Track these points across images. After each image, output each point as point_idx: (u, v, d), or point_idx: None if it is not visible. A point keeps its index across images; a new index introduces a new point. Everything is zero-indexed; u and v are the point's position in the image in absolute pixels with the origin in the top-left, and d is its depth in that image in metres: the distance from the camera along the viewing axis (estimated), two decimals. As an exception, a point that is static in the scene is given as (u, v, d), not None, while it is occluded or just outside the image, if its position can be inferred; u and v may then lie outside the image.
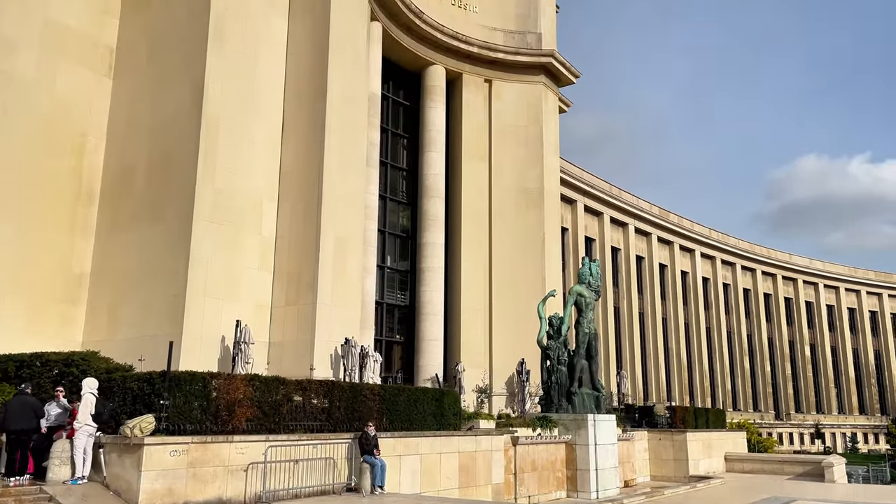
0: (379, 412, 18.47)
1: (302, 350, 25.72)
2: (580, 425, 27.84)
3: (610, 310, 66.25)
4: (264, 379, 15.74)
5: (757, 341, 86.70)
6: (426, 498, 16.37)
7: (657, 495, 27.50)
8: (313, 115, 28.01)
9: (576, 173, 65.57)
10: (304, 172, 27.73)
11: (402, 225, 41.31)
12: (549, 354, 30.26)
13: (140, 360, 15.11)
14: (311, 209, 26.98)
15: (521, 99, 43.04)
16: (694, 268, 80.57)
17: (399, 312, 40.21)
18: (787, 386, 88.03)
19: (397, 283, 40.55)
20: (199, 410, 14.07)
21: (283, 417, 15.88)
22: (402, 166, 41.55)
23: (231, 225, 26.05)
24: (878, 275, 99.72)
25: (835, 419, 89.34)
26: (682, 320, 76.68)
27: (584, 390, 30.04)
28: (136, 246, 25.77)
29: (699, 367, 77.29)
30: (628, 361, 66.97)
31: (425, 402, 20.10)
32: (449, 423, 20.98)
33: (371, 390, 18.52)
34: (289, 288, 26.77)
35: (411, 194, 41.45)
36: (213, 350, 24.39)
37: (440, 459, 19.24)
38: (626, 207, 71.38)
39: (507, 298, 40.24)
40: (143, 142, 26.88)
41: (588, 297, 31.05)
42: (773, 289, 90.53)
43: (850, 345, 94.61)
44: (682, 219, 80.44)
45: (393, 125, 41.01)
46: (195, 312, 24.01)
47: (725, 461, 39.27)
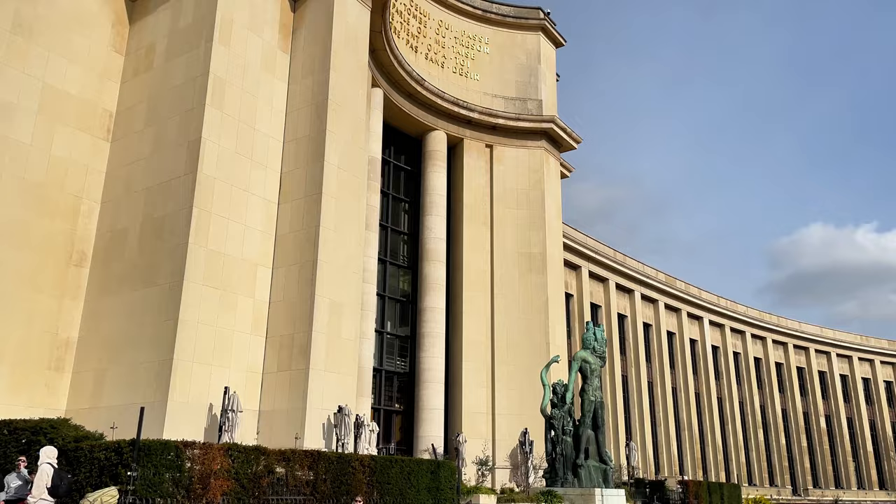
0: (369, 485, 17.28)
1: (293, 419, 24.59)
2: (587, 500, 26.27)
3: (618, 378, 64.48)
4: (244, 449, 14.69)
5: (770, 412, 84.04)
6: None
7: (671, 578, 25.64)
8: (310, 179, 27.75)
9: (580, 239, 65.16)
10: (299, 236, 27.25)
11: (403, 289, 40.59)
12: (554, 424, 28.89)
13: (112, 427, 14.13)
14: (306, 273, 26.36)
15: (523, 163, 43.02)
16: (703, 336, 78.94)
17: (399, 380, 39.00)
18: (804, 459, 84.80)
19: (397, 349, 39.50)
20: (170, 483, 13.03)
21: (264, 491, 14.76)
22: (402, 230, 41.16)
23: (224, 288, 25.39)
24: (891, 343, 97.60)
25: (854, 495, 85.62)
26: (692, 390, 74.56)
27: (591, 462, 28.53)
28: (126, 310, 25.09)
29: (711, 439, 74.63)
30: (638, 432, 64.68)
31: (419, 475, 18.86)
32: (446, 499, 19.67)
33: (360, 461, 17.37)
34: (281, 353, 25.86)
35: (412, 258, 40.91)
36: (200, 418, 23.32)
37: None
38: (631, 274, 70.55)
39: (510, 365, 39.07)
40: (138, 204, 26.58)
41: (593, 364, 29.91)
42: (785, 358, 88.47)
43: (866, 416, 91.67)
44: (689, 286, 79.42)
45: (394, 189, 40.88)
46: (182, 378, 23.08)
47: (743, 540, 37.06)
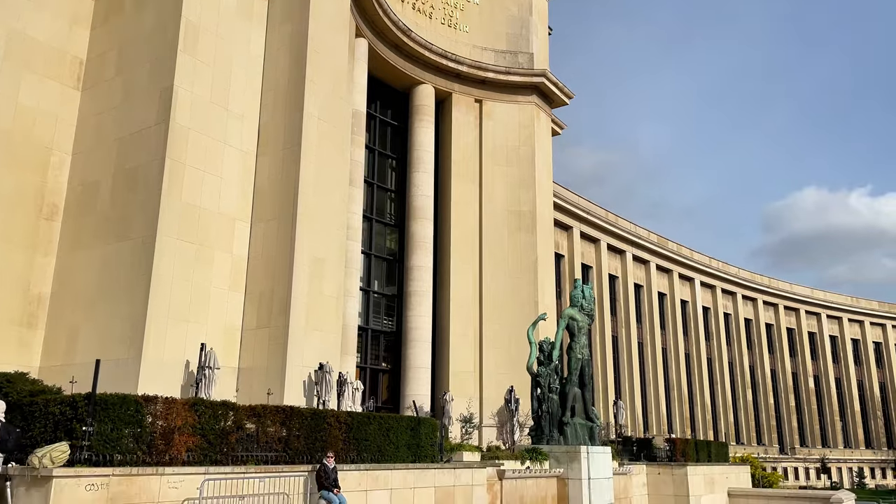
0: (345, 442, 16.76)
1: (272, 376, 24.02)
2: (573, 458, 25.99)
3: (608, 339, 64.42)
4: (210, 404, 14.08)
5: (759, 373, 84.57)
6: None
7: (656, 534, 25.54)
8: (289, 130, 26.73)
9: (572, 199, 64.33)
10: (278, 189, 26.34)
11: (389, 248, 39.85)
12: (540, 382, 28.49)
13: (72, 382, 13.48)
14: (286, 228, 25.53)
15: (513, 119, 41.93)
16: (694, 297, 78.87)
17: (385, 339, 38.52)
18: (792, 419, 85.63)
19: (384, 308, 38.94)
20: (130, 439, 12.42)
21: (233, 447, 14.20)
22: (389, 187, 40.24)
23: (199, 243, 24.56)
24: (881, 305, 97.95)
25: (841, 453, 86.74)
26: (682, 350, 74.73)
27: (577, 420, 28.23)
28: (99, 264, 24.27)
29: (700, 399, 75.08)
30: (627, 392, 64.89)
31: (399, 432, 18.37)
32: (426, 455, 19.22)
33: (336, 418, 16.82)
34: (260, 310, 25.18)
35: (399, 216, 40.09)
36: (177, 375, 22.72)
37: (413, 495, 17.44)
38: (623, 234, 70.00)
39: (498, 324, 38.58)
40: (110, 155, 25.55)
41: (580, 321, 29.41)
42: (776, 319, 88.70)
43: (854, 376, 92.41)
44: (682, 247, 79.02)
45: (380, 145, 39.83)
46: (157, 335, 22.39)
47: (729, 497, 37.16)
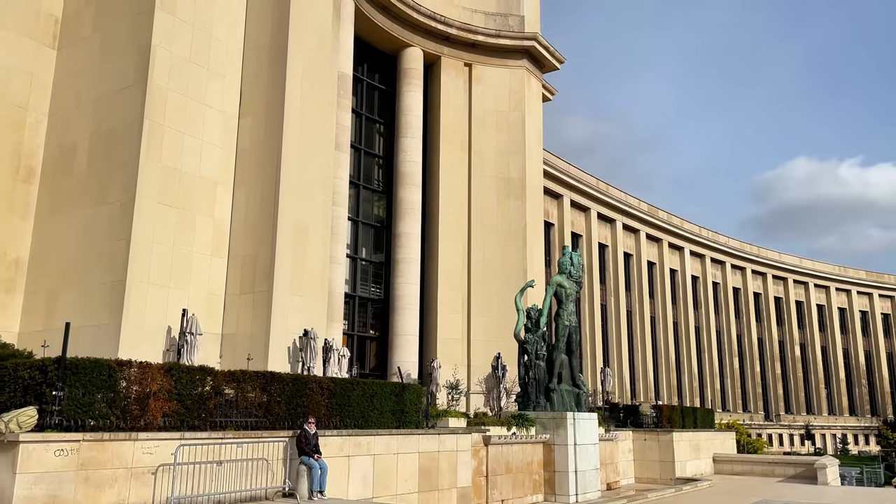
0: (328, 408, 16.53)
1: (256, 342, 23.74)
2: (559, 424, 25.96)
3: (597, 307, 64.54)
4: (187, 368, 13.77)
5: (746, 341, 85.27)
6: None
7: (640, 499, 25.66)
8: (272, 91, 26.05)
9: (562, 167, 63.82)
10: (261, 153, 25.76)
11: (377, 214, 39.38)
12: (527, 349, 28.34)
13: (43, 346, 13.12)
14: (269, 192, 25.01)
15: (503, 84, 41.19)
16: (683, 266, 79.03)
17: (373, 306, 38.26)
18: (777, 386, 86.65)
19: (371, 275, 38.61)
20: (103, 404, 12.11)
21: (211, 413, 13.93)
22: (376, 153, 39.60)
23: (180, 207, 24.05)
24: (868, 274, 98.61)
25: (825, 420, 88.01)
26: (670, 319, 75.09)
27: (564, 387, 28.16)
28: (77, 228, 23.76)
29: (688, 367, 75.71)
30: (615, 360, 65.26)
31: (383, 398, 18.15)
32: (411, 421, 19.06)
33: (318, 383, 16.57)
34: (244, 275, 24.79)
35: (387, 182, 39.53)
36: (158, 341, 22.39)
37: (397, 461, 17.32)
38: (613, 203, 69.72)
39: (486, 292, 38.37)
40: (87, 116, 24.87)
41: (568, 289, 29.17)
42: (763, 288, 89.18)
43: (840, 345, 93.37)
44: (672, 216, 78.90)
45: (367, 109, 39.08)
46: (137, 300, 22.01)
47: (714, 463, 37.51)
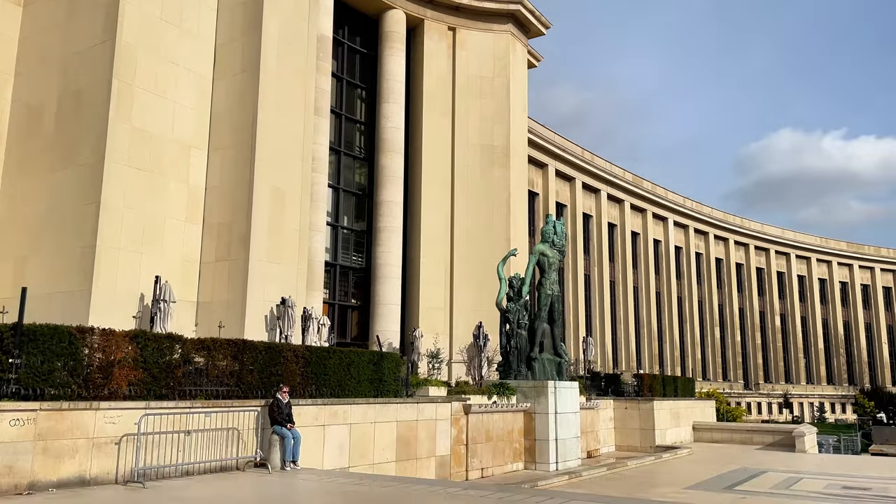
0: (303, 377, 16.15)
1: (233, 310, 23.25)
2: (540, 393, 25.83)
3: (580, 277, 64.54)
4: (154, 336, 13.29)
5: (728, 311, 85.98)
6: (344, 474, 14.15)
7: (620, 467, 25.69)
8: (248, 52, 25.17)
9: (547, 136, 63.20)
10: (236, 116, 24.97)
11: (359, 182, 38.72)
12: (509, 318, 28.05)
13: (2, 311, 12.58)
14: (244, 157, 24.30)
15: (488, 49, 40.35)
16: (666, 236, 79.14)
17: (355, 275, 37.82)
18: (757, 356, 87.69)
19: (353, 243, 38.09)
20: (63, 372, 11.63)
21: (180, 382, 13.50)
22: (358, 119, 38.79)
23: (153, 171, 23.31)
24: (849, 245, 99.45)
25: (803, 389, 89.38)
26: (653, 289, 75.40)
27: (546, 356, 28.00)
28: (45, 192, 22.98)
29: (669, 337, 76.30)
30: (598, 330, 65.51)
31: (360, 366, 17.80)
32: (389, 390, 18.76)
33: (293, 351, 16.16)
34: (219, 242, 24.18)
35: (369, 149, 38.81)
36: (130, 309, 21.83)
37: (374, 430, 17.04)
38: (598, 173, 69.35)
39: (469, 260, 38.03)
40: (55, 76, 23.93)
41: (551, 257, 28.82)
42: (746, 259, 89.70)
43: (819, 315, 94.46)
44: (656, 186, 78.76)
45: (348, 73, 38.15)
46: (108, 266, 21.39)
47: (693, 431, 37.80)
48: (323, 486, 11.89)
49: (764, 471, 25.39)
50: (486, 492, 11.10)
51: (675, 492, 20.00)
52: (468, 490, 11.37)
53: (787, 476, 23.98)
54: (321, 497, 10.93)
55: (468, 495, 10.82)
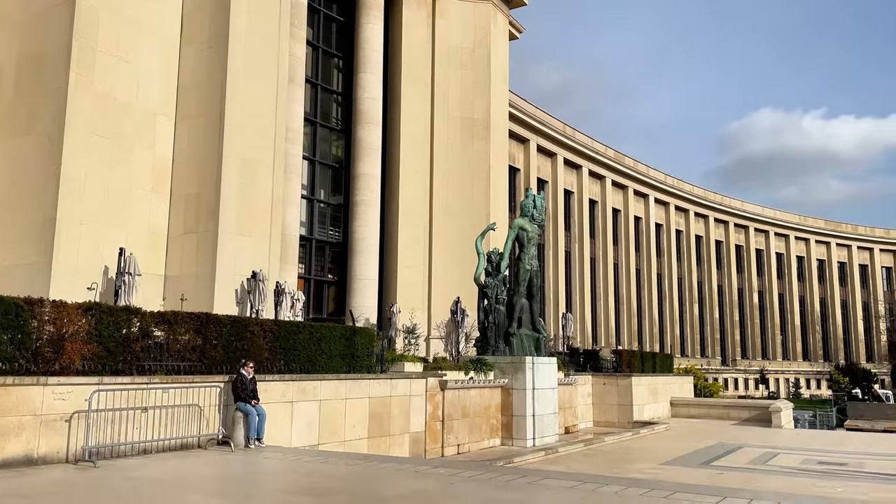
0: (271, 352, 15.58)
1: (202, 284, 22.55)
2: (518, 368, 25.51)
3: (561, 254, 64.33)
4: (110, 308, 12.63)
5: (707, 288, 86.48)
6: (311, 452, 13.67)
7: (597, 443, 25.54)
8: (216, 18, 24.17)
9: (529, 111, 62.48)
10: (205, 84, 24.03)
11: (335, 154, 37.86)
12: (487, 293, 27.61)
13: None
14: (213, 126, 23.43)
15: (468, 19, 39.42)
16: (647, 213, 79.11)
17: (331, 250, 37.13)
18: (735, 332, 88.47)
19: (329, 217, 37.34)
20: (10, 346, 10.96)
21: (137, 356, 12.88)
22: (334, 89, 37.81)
23: (117, 139, 22.39)
24: (827, 223, 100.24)
25: (779, 365, 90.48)
26: (633, 266, 75.50)
27: (524, 331, 27.65)
28: (3, 161, 22.00)
29: (648, 313, 76.61)
30: (578, 306, 65.49)
31: (332, 341, 17.25)
32: (362, 366, 18.25)
33: (261, 326, 15.56)
34: (187, 214, 23.39)
35: (346, 121, 37.89)
36: (93, 282, 21.00)
37: (345, 406, 16.54)
38: (580, 149, 68.88)
39: (449, 235, 37.48)
40: (13, 39, 22.79)
41: (531, 232, 28.34)
42: (725, 236, 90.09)
43: (797, 292, 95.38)
44: (637, 163, 78.54)
45: (324, 42, 37.08)
46: (69, 238, 20.56)
47: (671, 406, 37.88)
48: (286, 465, 11.39)
49: (740, 446, 25.38)
50: (456, 469, 10.67)
51: (651, 468, 19.81)
52: (438, 469, 10.94)
53: (763, 451, 23.97)
54: (282, 476, 10.44)
55: (437, 474, 10.38)
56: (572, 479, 9.99)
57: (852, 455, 23.37)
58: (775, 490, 16.04)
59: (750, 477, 18.37)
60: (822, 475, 18.54)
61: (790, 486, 16.92)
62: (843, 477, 18.51)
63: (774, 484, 17.17)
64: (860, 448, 25.61)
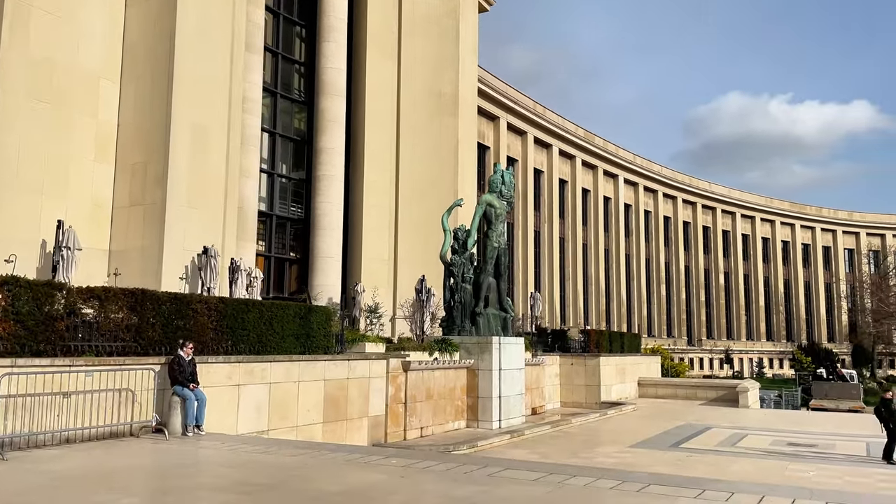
0: (217, 332, 14.42)
1: (149, 259, 21.20)
2: (484, 349, 24.69)
3: (530, 233, 63.72)
4: (29, 283, 11.35)
5: (674, 269, 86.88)
6: (254, 440, 12.60)
7: (564, 424, 24.93)
8: (165, -28, 22.53)
9: (499, 87, 61.35)
10: (152, 46, 22.46)
11: (297, 127, 36.34)
12: (453, 271, 26.65)
13: None
14: (161, 89, 21.92)
15: (436, -12, 38.00)
16: (616, 194, 78.89)
17: (293, 227, 35.74)
18: (701, 313, 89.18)
19: (291, 193, 35.91)
20: None
21: (62, 336, 11.65)
22: (296, 59, 36.19)
23: (57, 104, 20.79)
24: (792, 205, 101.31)
25: (743, 345, 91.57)
26: (602, 246, 75.31)
27: (491, 311, 26.82)
28: (-71, 126, 20.23)
29: (617, 294, 76.63)
30: (546, 286, 65.08)
31: (285, 321, 16.14)
32: (318, 346, 17.18)
33: (205, 303, 14.37)
34: (133, 184, 21.93)
35: (308, 93, 36.34)
36: (30, 257, 19.57)
37: (298, 390, 15.50)
38: (550, 128, 68.08)
39: (415, 212, 36.35)
40: (-62, -7, 20.91)
41: (499, 208, 27.39)
42: (693, 217, 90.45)
43: (762, 273, 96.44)
44: (608, 143, 78.08)
45: (286, 9, 35.39)
46: (2, 209, 19.00)
47: (639, 386, 37.56)
48: (223, 455, 10.34)
49: (709, 427, 25.00)
50: (410, 460, 9.74)
51: (619, 451, 19.20)
52: (391, 459, 9.99)
53: (732, 432, 23.59)
54: (212, 469, 9.40)
55: (389, 465, 9.43)
56: (538, 469, 9.12)
57: (821, 436, 23.10)
58: (746, 473, 15.49)
59: (720, 460, 17.85)
60: (793, 458, 18.11)
61: (762, 469, 16.41)
62: (814, 459, 18.10)
63: (745, 467, 16.66)
64: (828, 429, 25.41)
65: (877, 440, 21.37)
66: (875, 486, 14.94)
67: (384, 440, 19.23)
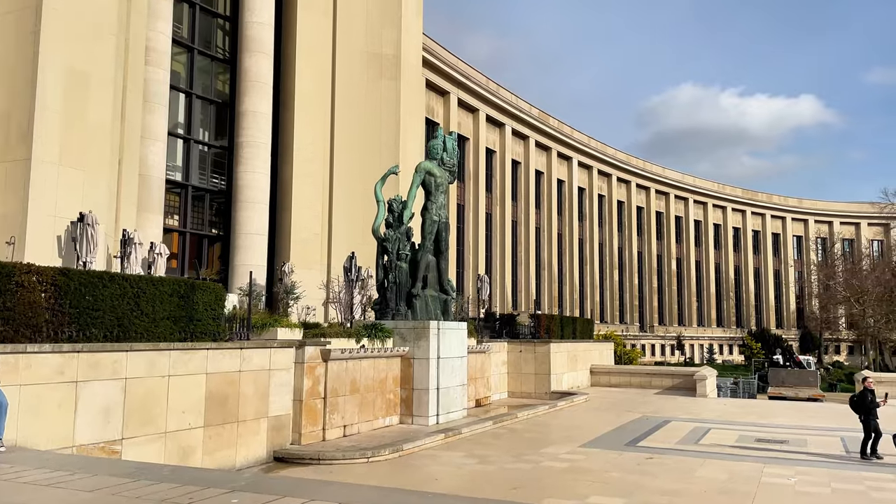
0: (55, 313, 11.08)
1: (12, 226, 17.52)
2: (421, 335, 21.74)
3: (482, 215, 60.95)
4: None
5: (627, 254, 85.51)
6: (59, 461, 8.96)
7: (509, 419, 22.18)
8: None
9: (450, 60, 58.13)
10: (19, -31, 18.60)
11: (219, 90, 32.58)
12: (388, 247, 23.50)
13: None
14: (26, 24, 18.15)
15: (376, -61, 34.57)
16: (570, 177, 76.78)
17: (215, 200, 32.08)
18: (653, 299, 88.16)
19: (211, 162, 32.20)
20: None
21: None
22: (218, 11, 32.37)
23: None
24: (744, 192, 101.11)
25: (695, 331, 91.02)
26: (555, 230, 73.16)
27: (430, 292, 23.84)
28: None
29: (570, 279, 74.70)
30: (498, 270, 62.55)
31: (157, 300, 12.82)
32: (205, 332, 13.93)
33: (38, 276, 10.99)
34: (-8, 137, 18.15)
35: (232, 51, 32.59)
36: None
37: (168, 386, 12.26)
38: (504, 106, 65.27)
39: (352, 185, 33.06)
40: None
41: (439, 177, 24.33)
42: (646, 202, 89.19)
43: (713, 260, 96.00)
44: (563, 124, 75.77)
45: (204, -47, 31.51)
46: None
47: (591, 374, 35.24)
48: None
49: (667, 420, 22.62)
50: (194, 487, 6.59)
51: (570, 451, 16.52)
52: (160, 483, 6.80)
53: (693, 426, 21.22)
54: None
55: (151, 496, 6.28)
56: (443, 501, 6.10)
57: (789, 430, 20.91)
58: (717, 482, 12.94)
59: (685, 462, 15.31)
60: (767, 460, 15.68)
61: (735, 475, 13.89)
62: (789, 461, 15.71)
63: (715, 473, 14.13)
64: (794, 421, 23.30)
65: (850, 433, 19.32)
66: (869, 495, 12.54)
67: (298, 442, 16.14)
